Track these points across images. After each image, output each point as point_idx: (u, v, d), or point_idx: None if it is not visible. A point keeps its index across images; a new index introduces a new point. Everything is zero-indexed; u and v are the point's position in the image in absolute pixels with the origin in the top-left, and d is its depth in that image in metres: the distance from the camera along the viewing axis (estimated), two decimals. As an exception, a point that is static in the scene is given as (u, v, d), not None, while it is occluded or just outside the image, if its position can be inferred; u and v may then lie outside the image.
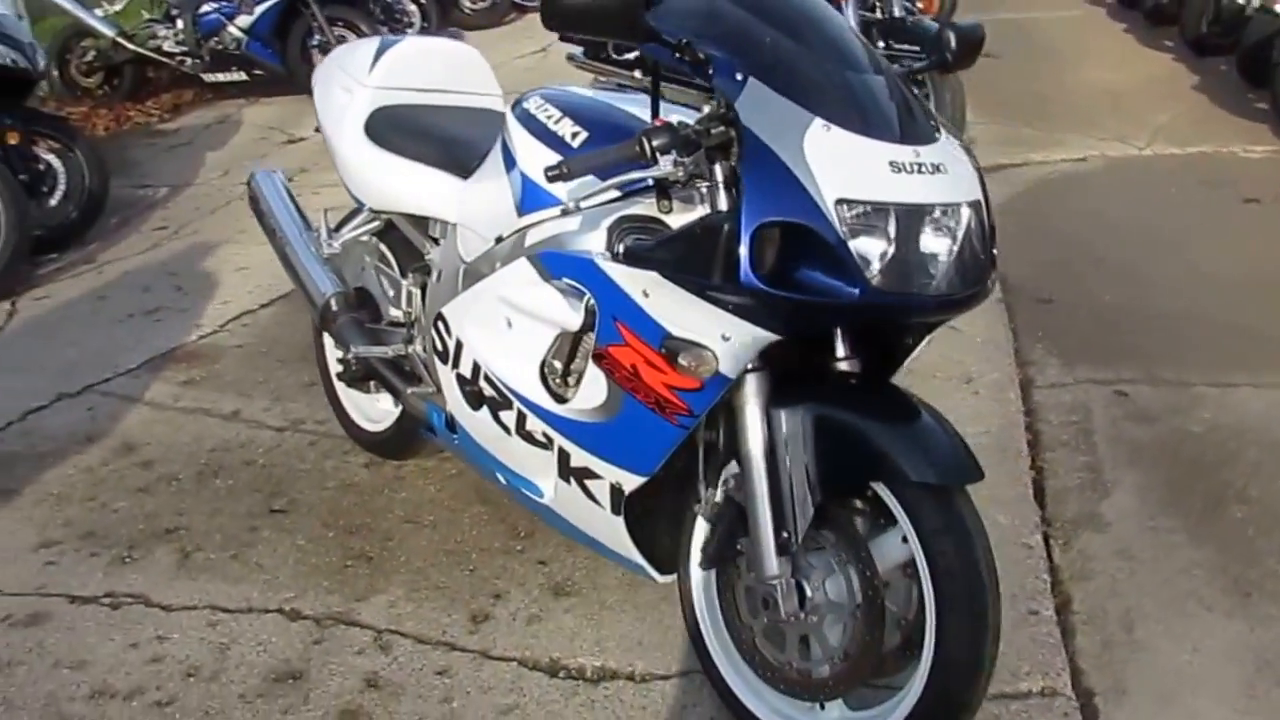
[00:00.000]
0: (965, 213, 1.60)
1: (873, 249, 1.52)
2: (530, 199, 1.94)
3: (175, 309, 4.05)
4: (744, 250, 1.50)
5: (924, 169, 1.56)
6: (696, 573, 1.95)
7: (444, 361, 2.18)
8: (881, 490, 1.64)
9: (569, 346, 1.89)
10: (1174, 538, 2.40)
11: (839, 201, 1.50)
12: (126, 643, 2.24)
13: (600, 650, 2.15)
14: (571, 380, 1.90)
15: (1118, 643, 2.12)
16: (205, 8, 7.15)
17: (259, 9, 6.98)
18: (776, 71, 1.58)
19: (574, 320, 1.84)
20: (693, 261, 1.58)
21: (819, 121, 1.53)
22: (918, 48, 4.41)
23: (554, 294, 1.85)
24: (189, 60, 7.19)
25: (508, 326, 1.97)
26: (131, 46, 7.14)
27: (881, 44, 4.51)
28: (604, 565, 2.26)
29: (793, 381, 1.71)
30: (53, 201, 4.72)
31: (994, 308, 3.51)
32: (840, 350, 1.71)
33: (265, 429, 3.10)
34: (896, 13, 4.59)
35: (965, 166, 1.65)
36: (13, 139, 4.50)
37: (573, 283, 1.81)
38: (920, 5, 4.78)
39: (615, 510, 1.90)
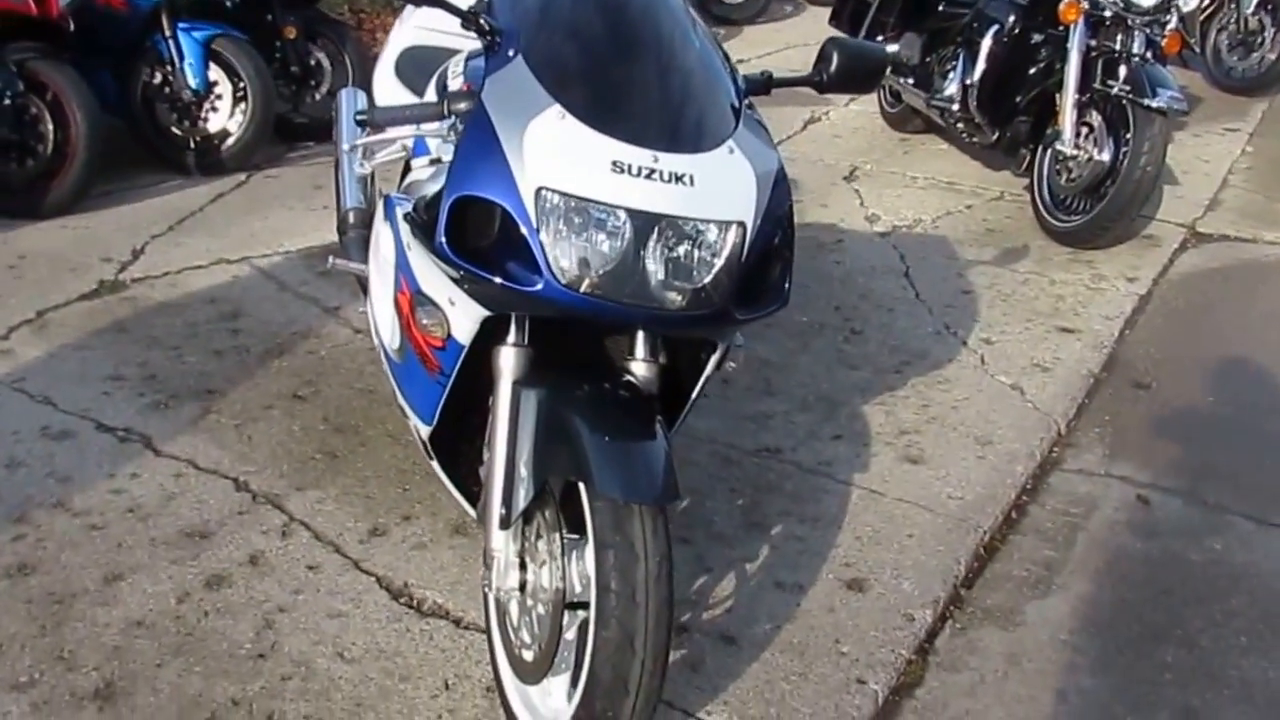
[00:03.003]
0: (708, 230, 1.54)
1: (570, 244, 1.51)
2: (418, 146, 2.07)
3: (355, 208, 4.52)
4: (442, 218, 1.54)
5: (657, 176, 1.51)
6: (490, 533, 2.02)
7: (366, 287, 2.37)
8: (582, 493, 1.64)
9: None
10: (1079, 658, 2.18)
11: (540, 190, 1.50)
12: (108, 471, 2.65)
13: (450, 591, 2.29)
14: None
15: (936, 742, 1.99)
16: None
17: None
18: (543, 56, 1.59)
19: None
20: (422, 223, 1.65)
21: (556, 109, 1.53)
22: (1129, 88, 4.01)
23: (388, 234, 1.98)
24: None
25: (380, 259, 2.11)
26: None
27: (1107, 80, 4.12)
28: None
29: (549, 366, 1.73)
30: (317, 96, 5.35)
31: (1079, 380, 3.21)
32: (639, 351, 1.72)
33: (347, 328, 3.44)
34: (1135, 49, 4.15)
35: (739, 186, 1.57)
36: (290, 34, 5.11)
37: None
38: (1164, 43, 4.25)
39: (427, 453, 2.02)
